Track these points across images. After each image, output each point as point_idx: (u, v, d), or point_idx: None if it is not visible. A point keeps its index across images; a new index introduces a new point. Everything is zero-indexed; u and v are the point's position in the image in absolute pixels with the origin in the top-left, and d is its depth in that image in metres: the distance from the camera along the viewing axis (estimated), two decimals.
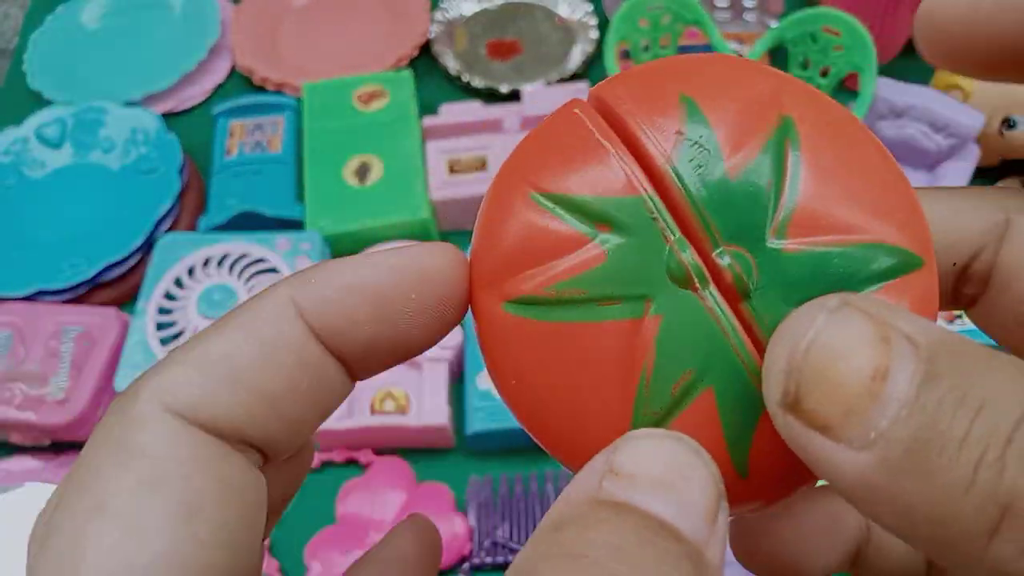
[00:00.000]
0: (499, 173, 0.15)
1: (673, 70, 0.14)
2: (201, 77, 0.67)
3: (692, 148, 0.13)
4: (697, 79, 0.14)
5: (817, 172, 0.13)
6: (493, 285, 0.14)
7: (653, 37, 0.55)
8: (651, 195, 0.13)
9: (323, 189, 0.55)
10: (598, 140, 0.14)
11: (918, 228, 0.13)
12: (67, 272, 0.52)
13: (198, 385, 0.13)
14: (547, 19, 0.69)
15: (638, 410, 0.13)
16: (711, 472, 0.12)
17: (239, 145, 0.60)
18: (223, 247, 0.52)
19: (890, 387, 0.10)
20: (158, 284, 0.50)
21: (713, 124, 0.13)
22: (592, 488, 0.11)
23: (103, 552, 0.11)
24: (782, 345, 0.11)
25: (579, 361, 0.13)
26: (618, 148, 0.14)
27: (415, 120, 0.59)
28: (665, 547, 0.11)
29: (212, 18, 0.68)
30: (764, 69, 0.14)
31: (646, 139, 0.13)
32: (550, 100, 0.58)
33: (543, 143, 0.14)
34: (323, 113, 0.59)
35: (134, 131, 0.59)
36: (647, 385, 0.13)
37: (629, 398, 0.13)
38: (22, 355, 0.49)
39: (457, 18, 0.69)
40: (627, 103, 0.14)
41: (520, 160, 0.15)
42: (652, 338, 0.13)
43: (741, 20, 0.65)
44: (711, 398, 0.13)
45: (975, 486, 0.10)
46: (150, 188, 0.56)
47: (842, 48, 0.50)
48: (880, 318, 0.11)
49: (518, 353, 0.14)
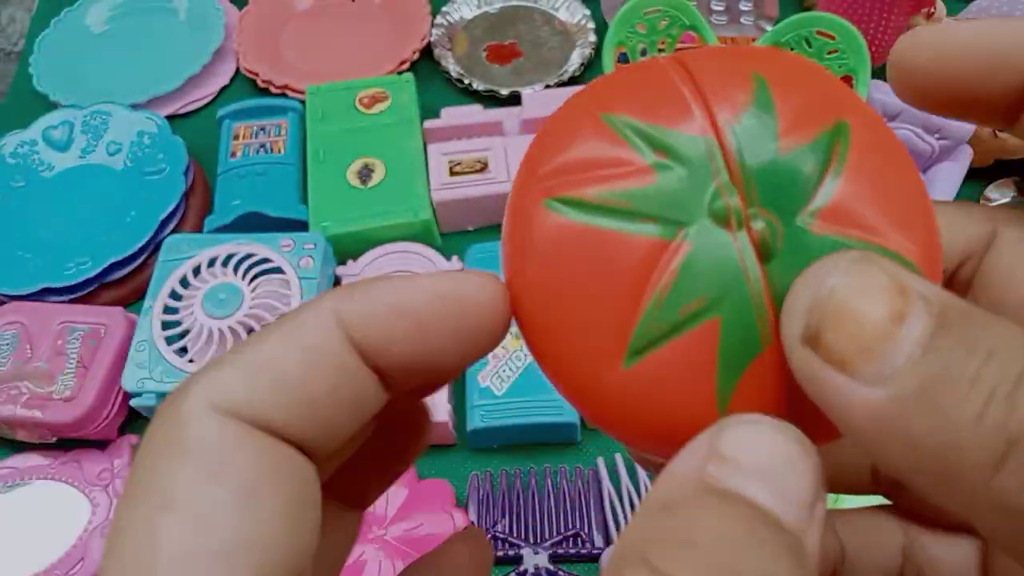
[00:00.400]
0: (569, 99, 0.16)
1: (754, 54, 0.15)
2: (206, 80, 0.67)
3: (754, 119, 0.14)
4: (773, 66, 0.15)
5: (857, 175, 0.14)
6: (540, 182, 0.15)
7: (650, 41, 0.55)
8: (711, 140, 0.14)
9: (326, 190, 0.56)
10: (675, 83, 0.15)
11: (933, 250, 0.14)
12: (73, 272, 0.53)
13: (242, 386, 0.13)
14: (546, 23, 0.70)
15: (644, 322, 0.13)
16: (813, 462, 0.12)
17: (244, 147, 0.60)
18: (228, 247, 0.52)
19: (906, 330, 0.11)
20: (164, 284, 0.51)
21: (778, 105, 0.14)
22: (697, 469, 0.12)
23: (175, 544, 0.12)
24: (805, 285, 0.12)
25: (602, 266, 0.14)
26: (693, 95, 0.14)
27: (416, 123, 0.59)
28: (769, 538, 0.11)
29: (217, 22, 0.69)
30: (836, 80, 0.15)
31: (716, 100, 0.14)
32: (549, 103, 0.59)
33: (622, 80, 0.15)
34: (326, 116, 0.60)
35: (140, 133, 0.59)
36: (660, 300, 0.13)
37: (638, 309, 0.13)
38: (29, 354, 0.49)
39: (457, 22, 0.70)
40: (706, 69, 0.15)
41: (597, 89, 0.15)
42: (677, 260, 0.13)
43: (738, 24, 0.66)
44: (716, 327, 0.13)
45: (984, 419, 0.11)
46: (156, 189, 0.57)
47: (837, 51, 0.51)
48: (897, 274, 0.12)
49: (544, 247, 0.14)
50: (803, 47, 0.52)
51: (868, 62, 0.50)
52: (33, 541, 0.47)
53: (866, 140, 0.14)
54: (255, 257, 0.52)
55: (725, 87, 0.14)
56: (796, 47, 0.52)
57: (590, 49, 0.66)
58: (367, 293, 0.14)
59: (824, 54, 0.51)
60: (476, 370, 0.48)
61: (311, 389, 0.14)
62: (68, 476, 0.49)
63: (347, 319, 0.14)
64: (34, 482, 0.48)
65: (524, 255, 0.15)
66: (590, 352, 0.14)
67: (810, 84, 0.15)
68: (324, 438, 0.14)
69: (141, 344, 0.49)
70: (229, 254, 0.52)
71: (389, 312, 0.14)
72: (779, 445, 0.12)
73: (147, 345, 0.49)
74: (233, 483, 0.12)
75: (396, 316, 0.14)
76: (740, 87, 0.14)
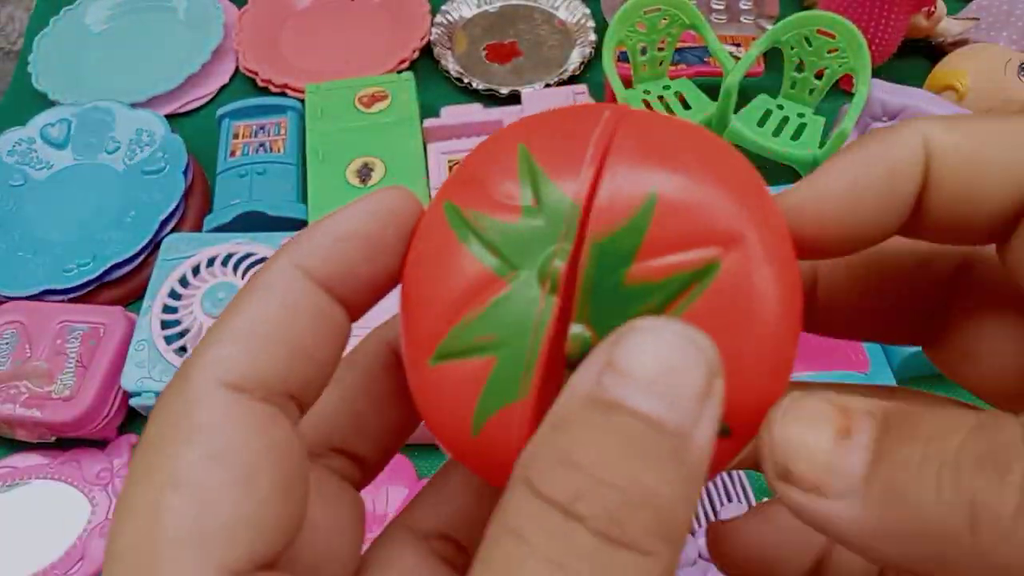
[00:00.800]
0: (523, 119, 0.16)
1: (684, 146, 0.15)
2: (205, 79, 0.67)
3: (621, 235, 0.14)
4: (690, 169, 0.15)
5: (694, 320, 0.14)
6: (453, 183, 0.16)
7: (650, 40, 0.55)
8: (576, 208, 0.15)
9: (326, 189, 0.56)
10: (590, 140, 0.15)
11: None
12: (75, 273, 0.53)
13: (244, 356, 0.14)
14: (546, 22, 0.70)
15: (451, 333, 0.15)
16: (705, 357, 0.12)
17: (243, 146, 0.60)
18: (227, 246, 0.52)
19: (855, 440, 0.13)
20: (163, 283, 0.51)
21: (652, 231, 0.14)
22: (591, 382, 0.12)
23: (178, 521, 0.13)
24: (765, 432, 0.14)
25: (449, 272, 0.15)
26: (594, 157, 0.15)
27: (416, 122, 0.59)
28: (649, 448, 0.12)
29: (216, 21, 0.69)
30: (753, 191, 0.15)
31: (608, 177, 0.15)
32: (549, 102, 0.59)
33: (561, 116, 0.16)
34: (326, 115, 0.60)
35: (139, 132, 0.59)
36: (466, 322, 0.15)
37: (454, 321, 0.15)
38: (28, 353, 0.49)
39: (457, 20, 0.70)
40: (626, 142, 0.15)
41: (538, 119, 0.16)
42: (493, 295, 0.15)
43: (737, 23, 0.66)
44: (490, 365, 0.15)
45: (942, 492, 0.12)
46: (156, 188, 0.57)
47: (837, 50, 0.51)
48: (836, 400, 0.13)
49: (423, 233, 0.16)
50: (803, 46, 0.52)
51: (868, 61, 0.50)
52: (32, 540, 0.47)
53: (731, 285, 0.14)
54: (255, 256, 0.52)
55: (624, 178, 0.14)
56: (796, 46, 0.52)
57: (590, 48, 0.66)
58: (314, 236, 0.15)
59: (824, 53, 0.51)
60: None
61: (301, 339, 0.15)
62: (67, 475, 0.49)
63: (307, 264, 0.15)
64: (33, 481, 0.48)
65: (416, 233, 0.16)
66: (421, 333, 0.15)
67: (711, 204, 0.14)
68: (318, 382, 0.15)
69: (140, 343, 0.49)
70: (228, 253, 0.52)
71: (341, 242, 0.15)
72: (671, 350, 0.12)
73: (146, 344, 0.49)
74: (238, 464, 0.13)
75: (347, 243, 0.15)
76: (632, 192, 0.14)
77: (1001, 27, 0.62)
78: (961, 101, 0.55)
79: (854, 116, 0.49)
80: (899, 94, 0.55)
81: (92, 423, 0.48)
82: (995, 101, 0.54)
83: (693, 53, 0.62)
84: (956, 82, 0.55)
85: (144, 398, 0.47)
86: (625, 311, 0.14)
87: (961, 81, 0.55)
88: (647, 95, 0.57)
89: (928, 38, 0.65)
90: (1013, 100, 0.54)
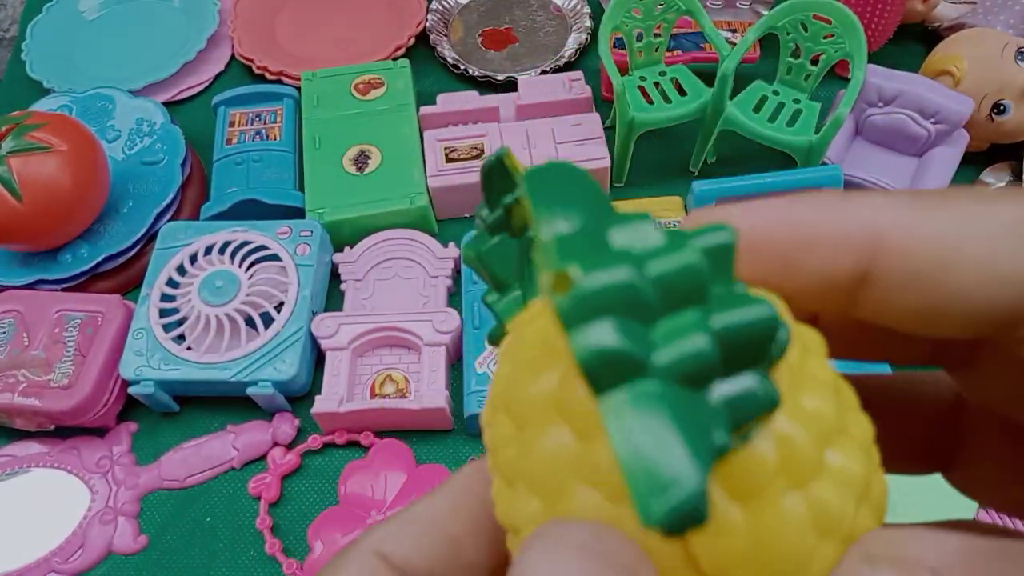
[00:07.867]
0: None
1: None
2: (200, 67, 0.67)
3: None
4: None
5: None
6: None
7: (646, 26, 0.55)
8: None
9: (322, 177, 0.56)
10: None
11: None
12: (70, 263, 0.53)
13: (406, 536, 0.15)
14: (542, 8, 0.70)
15: None
16: (613, 565, 0.11)
17: (239, 134, 0.60)
18: (224, 235, 0.52)
19: None
20: (161, 271, 0.51)
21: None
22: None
23: None
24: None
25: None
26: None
27: (412, 109, 0.59)
28: None
29: (211, 8, 0.69)
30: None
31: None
32: (545, 88, 0.59)
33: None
34: (322, 102, 0.60)
35: (140, 121, 0.59)
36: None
37: None
38: (26, 342, 0.49)
39: (453, 7, 0.70)
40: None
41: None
42: None
43: (733, 9, 0.66)
44: None
45: None
46: (153, 180, 0.57)
47: (833, 36, 0.51)
48: (905, 558, 0.12)
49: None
50: (799, 31, 0.52)
51: (864, 46, 0.50)
52: (32, 528, 0.47)
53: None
54: (252, 244, 0.52)
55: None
56: (792, 31, 0.52)
57: (586, 34, 0.66)
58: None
59: (820, 38, 0.51)
60: (474, 357, 0.48)
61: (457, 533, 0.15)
62: (67, 464, 0.49)
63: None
64: (33, 470, 0.49)
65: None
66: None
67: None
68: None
69: (139, 332, 0.49)
70: (226, 241, 0.52)
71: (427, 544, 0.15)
72: (565, 564, 0.11)
73: (145, 333, 0.49)
74: None
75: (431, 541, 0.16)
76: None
77: (998, 11, 0.62)
78: (957, 86, 0.55)
79: (850, 102, 0.49)
80: (895, 79, 0.55)
81: (91, 411, 0.48)
82: (992, 86, 0.54)
83: (689, 39, 0.62)
84: (952, 67, 0.55)
85: (142, 386, 0.48)
86: None
87: (957, 66, 0.55)
88: (643, 81, 0.57)
89: (924, 23, 0.65)
90: (1010, 85, 0.54)
